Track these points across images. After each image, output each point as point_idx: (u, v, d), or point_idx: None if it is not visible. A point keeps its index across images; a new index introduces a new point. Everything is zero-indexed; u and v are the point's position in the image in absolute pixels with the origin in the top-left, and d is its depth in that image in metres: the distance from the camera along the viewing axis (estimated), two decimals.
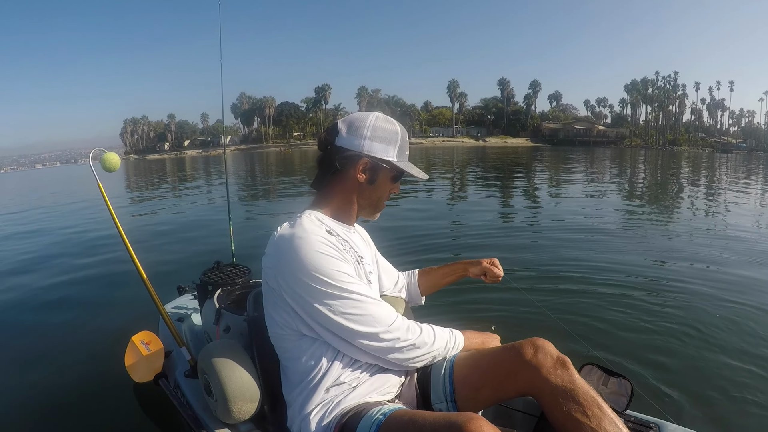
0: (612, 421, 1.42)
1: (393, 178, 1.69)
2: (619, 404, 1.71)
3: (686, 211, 11.23)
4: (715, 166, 31.48)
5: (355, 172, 1.62)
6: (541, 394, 1.52)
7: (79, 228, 10.46)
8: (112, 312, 4.72)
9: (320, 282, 1.47)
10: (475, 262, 2.09)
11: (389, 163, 1.63)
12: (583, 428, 1.41)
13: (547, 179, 21.07)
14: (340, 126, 1.65)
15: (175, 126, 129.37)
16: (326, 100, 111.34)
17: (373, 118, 1.63)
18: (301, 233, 1.51)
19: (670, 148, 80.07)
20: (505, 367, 1.60)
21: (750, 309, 4.35)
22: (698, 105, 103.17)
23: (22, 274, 6.65)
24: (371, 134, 1.61)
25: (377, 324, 1.52)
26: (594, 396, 1.46)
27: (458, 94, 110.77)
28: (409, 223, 9.00)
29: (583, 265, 5.89)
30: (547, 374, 1.50)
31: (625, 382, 1.75)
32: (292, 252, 1.49)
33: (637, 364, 3.35)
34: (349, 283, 1.50)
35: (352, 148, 1.60)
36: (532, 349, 1.56)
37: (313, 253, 1.48)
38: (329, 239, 1.54)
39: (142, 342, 2.80)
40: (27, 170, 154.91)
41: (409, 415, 1.42)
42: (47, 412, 2.96)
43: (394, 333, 1.54)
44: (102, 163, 2.53)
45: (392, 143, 1.63)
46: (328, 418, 1.52)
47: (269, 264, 1.56)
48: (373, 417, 1.44)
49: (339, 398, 1.54)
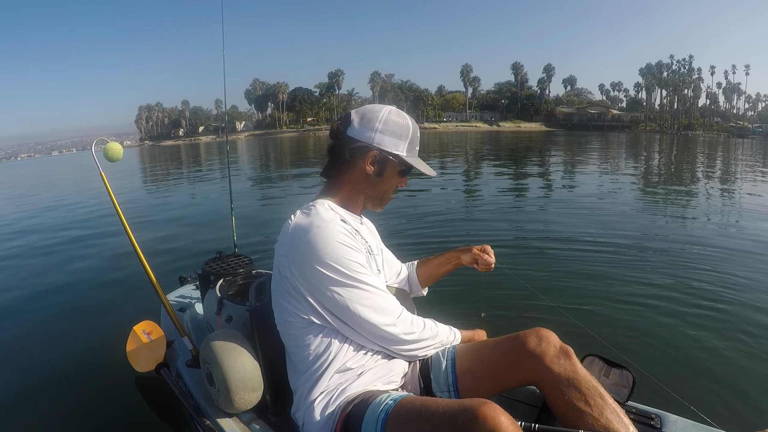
0: (614, 411, 1.45)
1: (401, 172, 1.69)
2: (621, 395, 1.73)
3: (698, 199, 11.08)
4: (730, 152, 30.96)
5: (364, 164, 1.63)
6: (544, 384, 1.56)
7: (82, 216, 10.55)
8: (113, 301, 4.78)
9: (335, 271, 1.49)
10: (465, 249, 2.08)
11: (398, 157, 1.63)
12: (584, 417, 1.44)
13: (561, 164, 20.93)
14: (353, 116, 1.65)
15: (189, 112, 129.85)
16: (339, 86, 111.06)
17: (387, 112, 1.63)
18: (319, 222, 1.52)
19: (685, 133, 78.83)
20: (508, 357, 1.64)
21: (754, 301, 4.34)
22: (714, 89, 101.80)
23: (25, 261, 6.72)
24: (383, 127, 1.61)
25: (385, 316, 1.55)
26: (596, 386, 1.49)
27: (471, 78, 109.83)
28: (416, 211, 9.04)
29: (587, 257, 5.89)
30: (550, 363, 1.54)
31: (626, 373, 1.77)
32: (309, 241, 1.49)
33: (639, 355, 3.33)
34: (362, 274, 1.53)
35: (363, 140, 1.61)
36: (535, 338, 1.60)
37: (332, 242, 1.49)
38: (346, 228, 1.56)
39: (144, 331, 2.80)
40: (43, 157, 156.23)
41: (420, 401, 1.42)
42: (49, 401, 3.00)
43: (400, 326, 1.57)
44: (105, 153, 2.54)
45: (403, 138, 1.64)
46: (332, 407, 1.53)
47: (283, 252, 1.56)
48: (382, 403, 1.44)
49: (344, 386, 1.55)
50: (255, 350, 1.88)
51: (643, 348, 3.51)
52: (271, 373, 1.86)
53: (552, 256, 5.96)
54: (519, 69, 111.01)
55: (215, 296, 2.36)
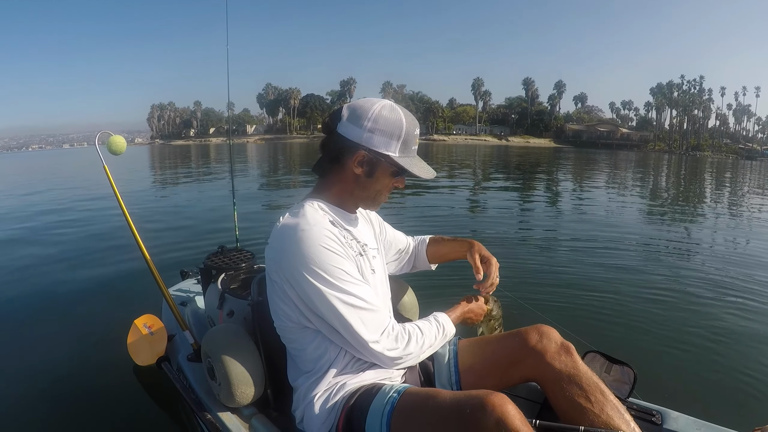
0: (614, 407, 1.45)
1: (394, 173, 1.56)
2: (622, 391, 1.75)
3: (704, 213, 11.22)
4: (738, 174, 30.81)
5: (352, 164, 1.52)
6: (545, 380, 1.56)
7: (85, 211, 10.47)
8: (115, 295, 4.75)
9: (319, 277, 1.41)
10: (475, 248, 1.92)
11: (388, 158, 1.50)
12: (585, 413, 1.44)
13: (570, 180, 20.90)
14: (343, 111, 1.53)
15: (201, 113, 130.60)
16: (351, 94, 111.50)
17: (379, 107, 1.49)
18: (305, 225, 1.45)
19: (693, 154, 78.77)
20: (509, 354, 1.65)
21: (754, 301, 4.42)
22: (723, 110, 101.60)
23: (26, 254, 6.67)
24: (372, 125, 1.47)
25: (367, 331, 1.46)
26: (597, 382, 1.50)
27: (482, 92, 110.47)
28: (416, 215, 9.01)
29: (589, 256, 6.02)
30: (551, 360, 1.56)
31: (627, 370, 1.79)
32: (294, 244, 1.43)
33: (640, 351, 3.37)
34: (347, 282, 1.44)
35: (352, 138, 1.49)
36: (536, 335, 1.62)
37: (316, 246, 1.42)
38: (333, 232, 1.48)
39: (145, 325, 2.80)
40: (54, 149, 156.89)
41: (425, 392, 1.42)
42: (49, 396, 2.97)
43: (382, 343, 1.48)
44: (108, 146, 2.55)
45: (394, 137, 1.49)
46: (333, 400, 1.51)
47: (271, 256, 1.51)
48: (387, 395, 1.43)
49: (344, 381, 1.54)
50: (256, 345, 1.87)
51: (644, 345, 3.53)
52: (273, 367, 1.85)
53: (555, 255, 6.07)
54: (530, 84, 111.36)
55: (217, 290, 2.35)
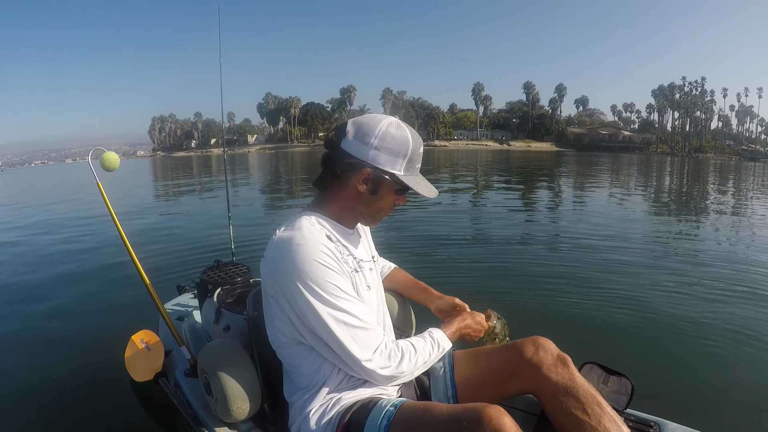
0: (612, 419, 1.44)
1: (397, 191, 1.56)
2: (620, 403, 1.74)
3: (705, 217, 11.19)
4: (741, 176, 30.75)
5: (357, 181, 1.51)
6: (542, 392, 1.56)
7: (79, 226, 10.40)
8: (111, 311, 4.73)
9: (312, 292, 1.40)
10: (445, 301, 1.95)
11: (394, 176, 1.50)
12: (582, 426, 1.43)
13: (570, 186, 20.88)
14: (348, 127, 1.52)
15: (201, 124, 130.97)
16: (351, 101, 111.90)
17: (385, 125, 1.49)
18: (300, 239, 1.43)
19: (696, 156, 78.71)
20: (505, 366, 1.65)
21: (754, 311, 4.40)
22: (726, 111, 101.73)
23: (22, 271, 6.65)
24: (379, 143, 1.47)
25: (359, 351, 1.45)
26: (594, 394, 1.49)
27: (483, 97, 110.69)
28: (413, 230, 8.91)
29: (585, 266, 5.96)
30: (548, 372, 1.55)
31: (625, 381, 1.78)
32: (289, 258, 1.42)
33: (638, 362, 3.36)
34: (340, 299, 1.44)
35: (357, 155, 1.48)
36: (532, 347, 1.61)
37: (310, 261, 1.41)
38: (329, 247, 1.47)
39: (142, 341, 2.80)
40: (57, 164, 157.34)
41: (422, 406, 1.42)
42: (47, 412, 2.97)
43: (375, 362, 1.47)
44: (101, 163, 2.53)
45: (400, 156, 1.49)
46: (328, 416, 1.50)
47: (266, 270, 1.50)
48: (384, 409, 1.42)
49: (339, 396, 1.53)
50: (253, 359, 1.86)
51: (642, 356, 3.52)
52: (270, 382, 1.84)
53: (551, 265, 6.00)
54: (531, 88, 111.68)
55: (213, 305, 2.34)
